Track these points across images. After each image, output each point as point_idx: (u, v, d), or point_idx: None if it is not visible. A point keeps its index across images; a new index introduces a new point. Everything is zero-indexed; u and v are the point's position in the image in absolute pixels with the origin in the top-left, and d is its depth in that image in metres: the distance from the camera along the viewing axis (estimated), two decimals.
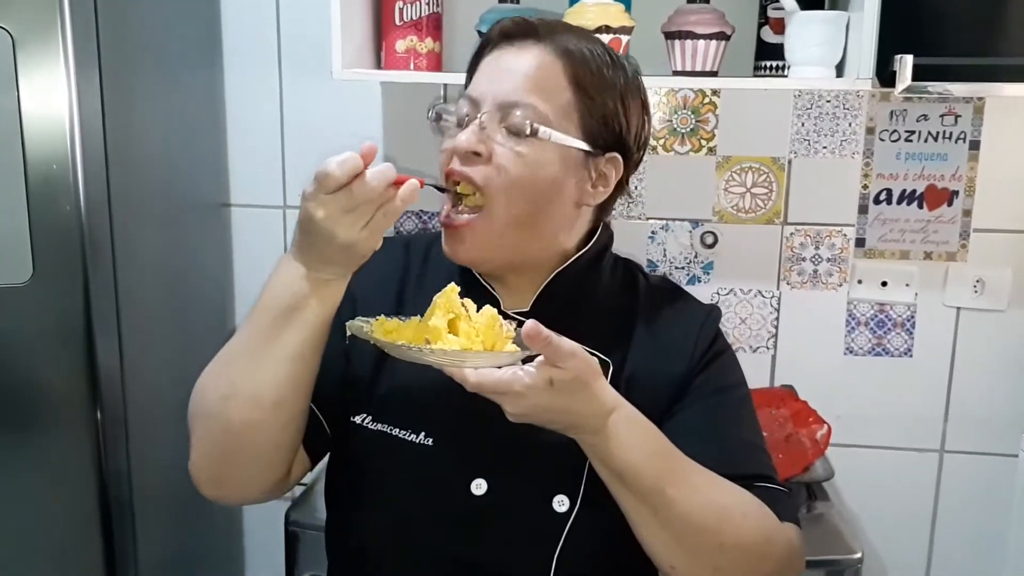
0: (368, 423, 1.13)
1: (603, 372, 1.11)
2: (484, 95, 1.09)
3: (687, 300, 1.25)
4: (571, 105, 1.10)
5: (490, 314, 1.00)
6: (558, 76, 1.09)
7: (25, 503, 1.42)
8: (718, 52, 1.69)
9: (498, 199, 1.08)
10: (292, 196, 2.07)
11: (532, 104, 1.07)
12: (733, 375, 1.21)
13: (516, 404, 0.93)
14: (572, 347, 0.91)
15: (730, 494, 1.05)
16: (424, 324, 1.01)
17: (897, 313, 1.97)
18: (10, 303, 1.34)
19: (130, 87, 1.51)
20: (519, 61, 1.09)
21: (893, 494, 2.02)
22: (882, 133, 1.91)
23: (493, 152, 1.07)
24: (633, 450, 0.99)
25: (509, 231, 1.10)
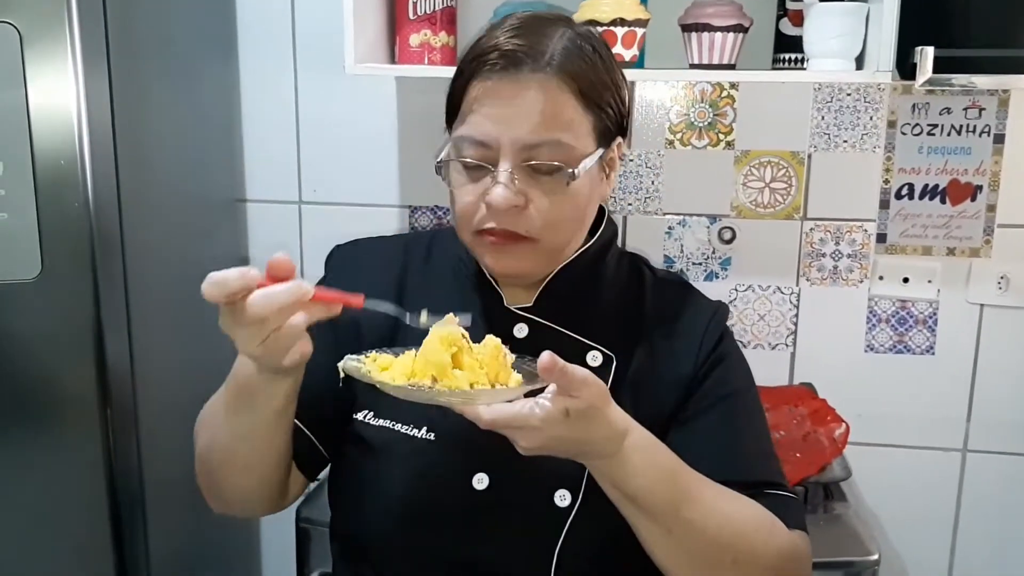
0: (370, 419, 1.13)
1: (607, 367, 1.11)
2: (498, 139, 1.04)
3: (694, 296, 1.23)
4: (584, 122, 1.07)
5: (493, 345, 0.98)
6: (568, 101, 1.05)
7: (35, 500, 1.42)
8: (736, 45, 1.67)
9: (545, 238, 1.08)
10: (307, 192, 2.06)
11: (556, 140, 1.04)
12: (740, 378, 1.19)
13: (531, 438, 0.91)
14: (584, 374, 0.90)
15: (742, 509, 1.05)
16: (424, 358, 0.96)
17: (919, 310, 1.93)
18: (19, 299, 1.34)
19: (140, 82, 1.51)
20: (526, 97, 1.03)
21: (914, 494, 1.99)
22: (904, 127, 1.87)
23: (531, 200, 1.06)
24: (646, 473, 0.98)
25: (555, 253, 1.12)
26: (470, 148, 1.06)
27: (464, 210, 1.08)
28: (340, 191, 2.05)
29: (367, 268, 1.22)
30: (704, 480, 1.04)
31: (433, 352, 0.95)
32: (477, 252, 1.12)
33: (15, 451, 1.41)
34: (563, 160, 1.05)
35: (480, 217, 1.07)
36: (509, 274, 1.12)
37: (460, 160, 1.07)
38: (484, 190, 1.05)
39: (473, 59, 1.07)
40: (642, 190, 1.96)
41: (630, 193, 1.96)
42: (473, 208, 1.07)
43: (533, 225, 1.06)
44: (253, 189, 2.07)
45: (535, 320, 1.15)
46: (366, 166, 2.02)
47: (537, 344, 1.12)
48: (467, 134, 1.06)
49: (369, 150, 2.02)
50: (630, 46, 1.63)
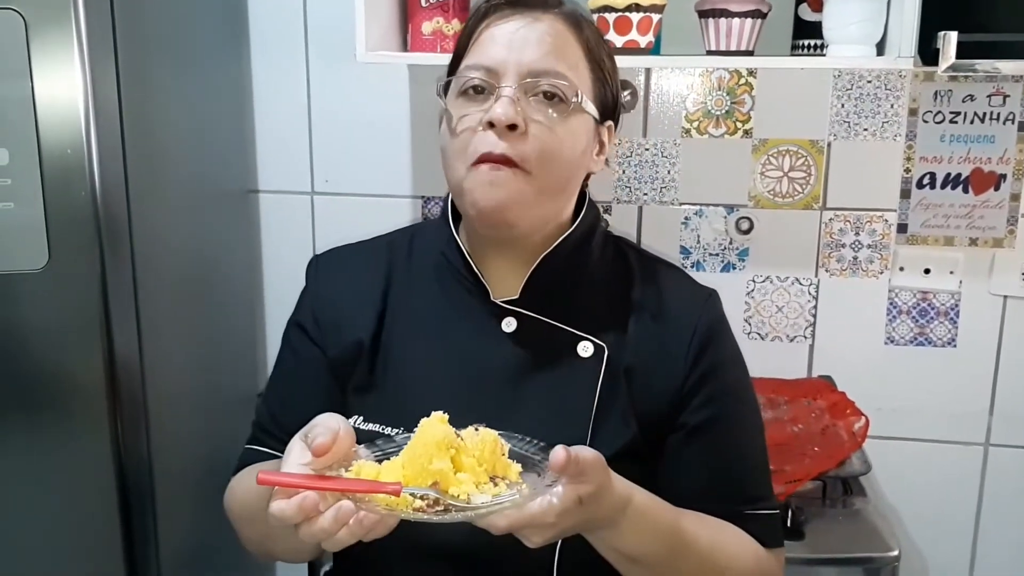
0: (360, 424, 1.11)
1: (599, 358, 1.09)
2: (504, 64, 1.05)
3: (683, 281, 1.22)
4: (586, 73, 1.10)
5: (491, 439, 0.94)
6: (574, 44, 1.09)
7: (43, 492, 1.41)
8: (753, 30, 1.63)
9: (539, 171, 1.05)
10: (319, 182, 2.04)
11: (562, 72, 1.06)
12: (737, 388, 1.17)
13: (545, 533, 0.90)
14: (591, 455, 0.89)
15: (730, 546, 1.09)
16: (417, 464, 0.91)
17: (940, 301, 1.90)
18: (26, 289, 1.32)
19: (149, 71, 1.49)
20: (536, 29, 1.06)
21: (935, 489, 1.95)
22: (926, 114, 1.84)
23: (528, 124, 1.04)
24: (646, 535, 0.99)
25: (543, 198, 1.08)
26: (475, 74, 1.06)
27: (463, 135, 1.06)
28: (352, 181, 2.03)
29: (349, 277, 1.20)
30: (698, 522, 1.06)
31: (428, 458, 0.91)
32: (466, 191, 1.07)
33: (23, 442, 1.39)
34: (565, 90, 1.06)
35: (477, 143, 1.05)
36: (498, 208, 1.05)
37: (464, 84, 1.07)
38: (484, 114, 1.05)
39: (483, 2, 1.11)
40: (658, 180, 1.93)
41: (646, 183, 1.93)
42: (472, 132, 1.06)
43: (529, 151, 1.04)
44: (265, 179, 2.06)
45: (523, 313, 1.13)
46: (378, 156, 2.00)
47: (527, 337, 1.12)
48: (473, 61, 1.08)
49: (381, 140, 1.99)
50: (645, 32, 1.60)
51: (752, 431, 1.18)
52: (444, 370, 1.12)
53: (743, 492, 1.13)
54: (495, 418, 0.96)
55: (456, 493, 0.90)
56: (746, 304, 1.95)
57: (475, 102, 1.06)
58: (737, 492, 1.12)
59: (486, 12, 1.10)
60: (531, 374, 1.11)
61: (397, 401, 1.11)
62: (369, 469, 0.92)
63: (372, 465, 0.93)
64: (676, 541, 1.02)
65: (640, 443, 1.10)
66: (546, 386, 1.10)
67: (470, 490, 0.90)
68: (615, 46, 1.59)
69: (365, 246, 1.25)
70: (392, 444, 0.99)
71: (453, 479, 0.90)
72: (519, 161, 1.04)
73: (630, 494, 0.96)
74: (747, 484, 1.14)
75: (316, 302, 1.18)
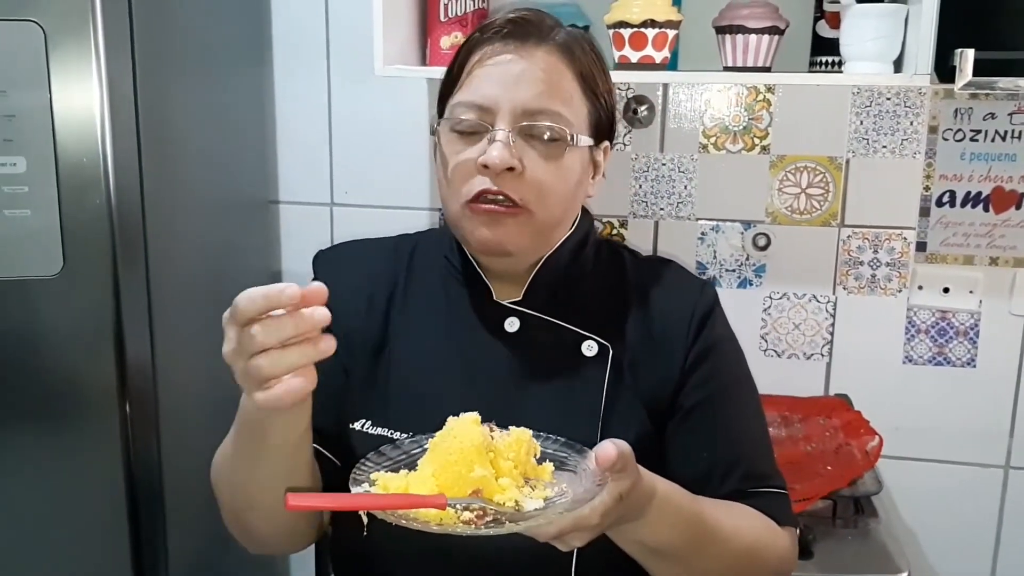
0: (367, 428, 1.11)
1: (604, 357, 1.10)
2: (498, 103, 1.05)
3: (678, 273, 1.23)
4: (581, 103, 1.10)
5: (526, 439, 0.91)
6: (568, 77, 1.08)
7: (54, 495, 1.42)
8: (770, 47, 1.63)
9: (537, 209, 1.07)
10: (339, 193, 2.06)
11: (557, 111, 1.06)
12: (732, 366, 1.18)
13: (587, 535, 0.89)
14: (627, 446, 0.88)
15: (752, 530, 1.08)
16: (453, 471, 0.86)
17: (960, 321, 1.88)
18: (41, 295, 1.34)
19: (167, 82, 1.51)
20: (529, 65, 1.06)
21: (954, 512, 1.93)
22: (946, 132, 1.82)
23: (526, 166, 1.05)
24: (670, 525, 0.99)
25: (541, 231, 1.10)
26: (468, 112, 1.06)
27: (457, 174, 1.06)
28: (371, 193, 2.04)
29: (354, 273, 1.21)
30: (718, 508, 1.05)
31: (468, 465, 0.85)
32: (466, 226, 1.08)
33: (34, 446, 1.41)
34: (560, 130, 1.05)
35: (473, 183, 1.05)
36: (498, 247, 1.08)
37: (456, 123, 1.06)
38: (480, 154, 1.04)
39: (477, 30, 1.10)
40: (675, 195, 1.93)
41: (662, 198, 1.93)
42: (466, 173, 1.06)
43: (525, 192, 1.05)
44: (286, 190, 2.08)
45: (526, 313, 1.14)
46: (397, 168, 2.02)
47: (530, 338, 1.13)
48: (465, 99, 1.07)
49: (400, 153, 2.01)
50: (661, 48, 1.60)
51: (749, 410, 1.18)
52: (447, 370, 1.13)
53: (746, 468, 1.12)
54: (501, 419, 0.96)
55: (502, 500, 0.86)
56: (763, 321, 1.94)
57: (468, 141, 1.07)
58: (737, 471, 1.11)
59: (478, 43, 1.09)
60: (535, 374, 1.12)
61: (402, 405, 1.11)
62: (395, 481, 0.88)
63: (397, 477, 0.89)
64: (698, 529, 1.01)
65: (651, 437, 1.11)
66: (551, 386, 1.11)
67: (516, 496, 0.86)
68: (629, 61, 1.60)
69: (369, 244, 1.26)
70: (400, 452, 0.98)
71: (496, 486, 0.86)
72: (516, 200, 1.05)
73: (654, 484, 0.96)
74: (748, 461, 1.13)
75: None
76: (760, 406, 1.20)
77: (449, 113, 1.09)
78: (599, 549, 0.99)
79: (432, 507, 0.83)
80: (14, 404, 1.40)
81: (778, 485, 1.15)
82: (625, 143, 1.92)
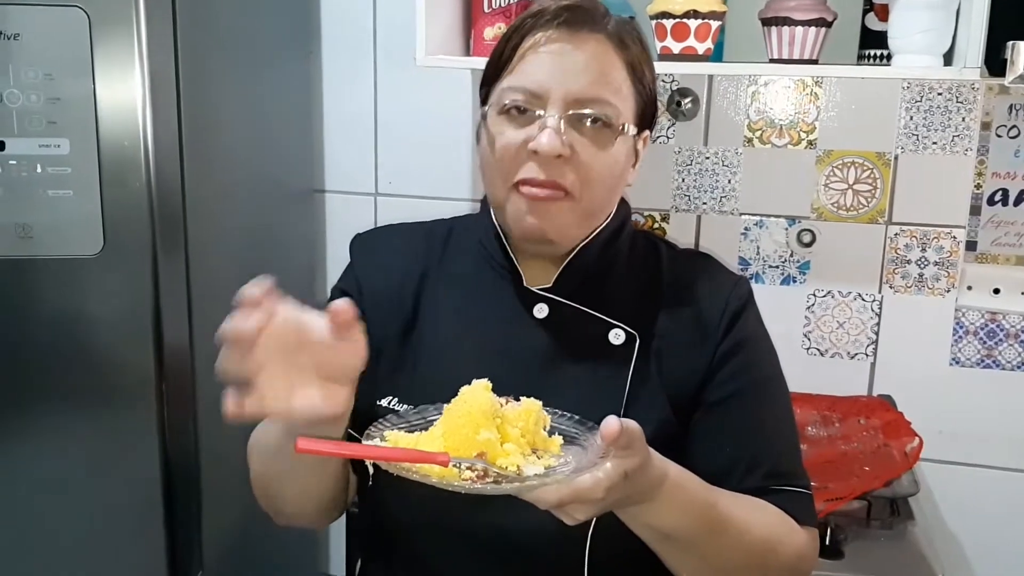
0: (394, 405, 1.12)
1: (630, 345, 1.10)
2: (549, 90, 1.04)
3: (713, 267, 1.21)
4: (630, 93, 1.09)
5: (536, 410, 0.91)
6: (618, 66, 1.07)
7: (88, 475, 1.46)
8: (817, 39, 1.60)
9: (583, 196, 1.07)
10: (383, 184, 2.08)
11: (607, 99, 1.06)
12: (764, 362, 1.16)
13: (589, 509, 0.88)
14: (637, 427, 0.88)
15: (767, 524, 1.06)
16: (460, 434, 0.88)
17: (1010, 323, 1.83)
18: (81, 274, 1.38)
19: (210, 69, 1.54)
20: (581, 53, 1.05)
21: (999, 520, 1.88)
22: (999, 129, 1.77)
23: (575, 153, 1.05)
24: (681, 511, 0.98)
25: (585, 219, 1.11)
26: (518, 95, 1.06)
27: (504, 158, 1.06)
28: (414, 183, 2.06)
29: (389, 255, 1.22)
30: (734, 499, 1.04)
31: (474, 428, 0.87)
32: (509, 212, 1.09)
33: (71, 424, 1.45)
34: (609, 117, 1.05)
35: (521, 166, 1.05)
36: (542, 234, 1.08)
37: (506, 106, 1.06)
38: (527, 138, 1.04)
39: (528, 17, 1.08)
40: (718, 189, 1.90)
41: (705, 192, 1.91)
42: (514, 156, 1.05)
43: (573, 179, 1.05)
44: (332, 180, 2.10)
45: (555, 300, 1.13)
46: (440, 159, 2.03)
47: (558, 324, 1.13)
48: (516, 83, 1.06)
49: (444, 144, 2.02)
50: (704, 39, 1.58)
51: (778, 407, 1.16)
52: (475, 353, 1.13)
53: (770, 466, 1.10)
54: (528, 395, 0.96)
55: (504, 465, 0.87)
56: (806, 319, 1.91)
57: (517, 123, 1.06)
58: (760, 467, 1.10)
59: (531, 28, 1.08)
60: (562, 360, 1.12)
61: (429, 383, 1.12)
62: (406, 440, 0.91)
63: (408, 436, 0.92)
64: (711, 517, 1.00)
65: (673, 428, 1.10)
66: (576, 372, 1.11)
67: (519, 461, 0.88)
68: (671, 52, 1.59)
69: (404, 229, 1.27)
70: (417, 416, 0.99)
71: (500, 450, 0.88)
72: (564, 186, 1.05)
73: (666, 468, 0.95)
74: (773, 458, 1.12)
75: (362, 275, 1.21)
76: (790, 406, 1.18)
77: (497, 97, 1.08)
78: (613, 534, 0.99)
79: (436, 463, 0.84)
80: (53, 382, 1.44)
81: (802, 485, 1.13)
82: (669, 136, 1.91)
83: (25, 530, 1.48)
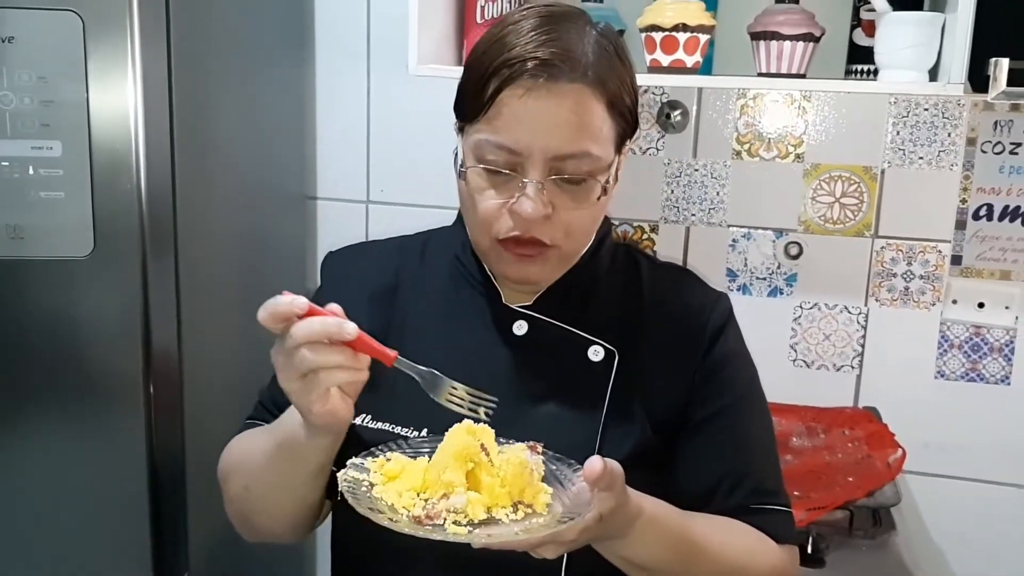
0: (368, 423, 1.12)
1: (609, 362, 1.10)
2: (529, 148, 1.01)
3: (693, 284, 1.22)
4: (610, 130, 1.06)
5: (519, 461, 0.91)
6: (598, 110, 1.03)
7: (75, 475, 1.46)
8: (805, 54, 1.62)
9: (565, 244, 1.08)
10: (375, 191, 2.09)
11: (586, 151, 1.02)
12: (744, 381, 1.17)
13: (560, 549, 0.90)
14: (617, 467, 0.89)
15: (741, 545, 1.08)
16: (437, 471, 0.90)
17: (995, 337, 1.84)
18: (72, 276, 1.39)
19: (203, 74, 1.55)
20: (560, 107, 1.01)
21: (983, 532, 1.89)
22: (984, 144, 1.79)
23: (557, 210, 1.04)
24: (655, 544, 0.99)
25: (570, 259, 1.13)
26: (497, 153, 1.03)
27: (486, 217, 1.05)
28: (406, 192, 2.07)
29: (361, 274, 1.22)
30: (708, 524, 1.06)
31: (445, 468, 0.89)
32: (494, 260, 1.10)
33: (58, 425, 1.45)
34: (590, 171, 1.03)
35: (503, 226, 1.05)
36: (527, 282, 1.11)
37: (485, 163, 1.04)
38: (508, 198, 1.03)
39: (505, 63, 1.02)
40: (707, 200, 1.92)
41: (694, 203, 1.93)
42: (495, 214, 1.05)
43: (556, 234, 1.05)
44: (324, 187, 2.11)
45: (534, 316, 1.14)
46: (432, 167, 2.03)
47: (537, 340, 1.13)
48: (495, 139, 1.02)
49: (436, 152, 2.01)
50: (692, 52, 1.60)
51: (760, 426, 1.17)
52: (453, 370, 1.13)
53: (751, 486, 1.12)
54: (503, 419, 0.97)
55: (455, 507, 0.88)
56: (792, 331, 1.93)
57: (497, 182, 1.04)
58: (744, 486, 1.11)
59: (508, 78, 1.02)
60: (541, 377, 1.12)
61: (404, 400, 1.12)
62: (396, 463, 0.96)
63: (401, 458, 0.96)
64: (685, 547, 1.02)
65: (652, 446, 1.11)
66: (556, 389, 1.11)
67: (477, 513, 0.89)
68: (660, 64, 1.60)
69: (376, 246, 1.27)
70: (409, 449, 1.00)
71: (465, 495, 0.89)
72: (546, 241, 1.05)
73: (640, 506, 0.96)
74: (754, 477, 1.13)
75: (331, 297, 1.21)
76: (771, 422, 1.19)
77: (476, 146, 1.05)
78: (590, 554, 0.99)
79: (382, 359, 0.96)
80: (41, 382, 1.44)
81: (783, 503, 1.15)
82: (658, 148, 1.93)
83: (10, 531, 1.49)
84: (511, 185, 1.03)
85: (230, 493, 1.16)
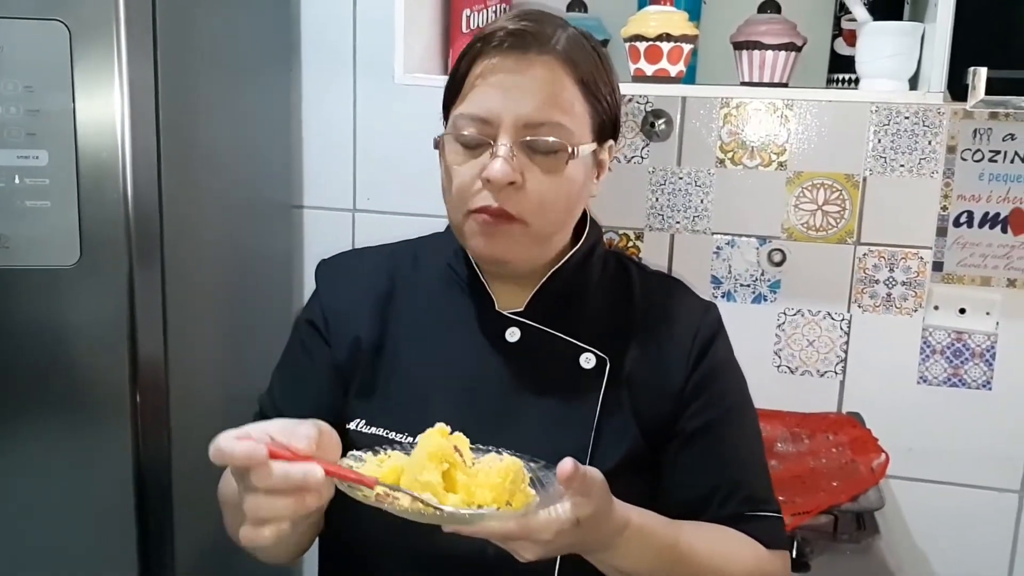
0: (362, 427, 1.13)
1: (601, 369, 1.10)
2: (499, 116, 1.05)
3: (683, 294, 1.23)
4: (583, 109, 1.09)
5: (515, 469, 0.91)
6: (569, 84, 1.07)
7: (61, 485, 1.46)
8: (787, 63, 1.64)
9: (535, 221, 1.08)
10: (361, 200, 2.10)
11: (557, 121, 1.06)
12: (734, 390, 1.19)
13: (537, 549, 0.90)
14: (598, 476, 0.90)
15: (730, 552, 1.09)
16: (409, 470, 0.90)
17: (976, 342, 1.86)
18: (58, 285, 1.39)
19: (189, 83, 1.56)
20: (529, 76, 1.05)
21: (966, 536, 1.90)
22: (964, 152, 1.81)
23: (526, 177, 1.06)
24: (643, 555, 1.00)
25: (541, 240, 1.12)
26: (470, 124, 1.07)
27: (460, 187, 1.08)
28: (392, 200, 2.08)
29: (353, 282, 1.23)
30: (697, 532, 1.06)
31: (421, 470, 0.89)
32: (466, 235, 1.10)
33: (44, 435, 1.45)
34: (560, 141, 1.06)
35: (475, 195, 1.07)
36: (496, 258, 1.10)
37: (459, 136, 1.08)
38: (482, 167, 1.06)
39: (478, 40, 1.09)
40: (691, 208, 1.94)
41: (678, 211, 1.94)
42: (469, 185, 1.07)
43: (526, 205, 1.06)
44: (310, 195, 2.12)
45: (527, 324, 1.15)
46: (418, 176, 2.04)
47: (529, 347, 1.14)
48: (467, 111, 1.07)
49: (422, 160, 2.02)
50: (676, 62, 1.61)
51: (750, 435, 1.19)
52: (445, 377, 1.14)
53: (743, 494, 1.13)
54: (495, 426, 0.98)
55: None
56: (776, 337, 1.94)
57: (471, 153, 1.08)
58: (737, 495, 1.13)
59: (479, 54, 1.08)
60: (532, 383, 1.13)
61: (398, 406, 1.13)
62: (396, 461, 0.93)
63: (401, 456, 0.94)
64: (674, 556, 1.02)
65: (643, 453, 1.12)
66: (547, 396, 1.12)
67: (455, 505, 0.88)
68: (644, 74, 1.62)
69: (369, 253, 1.28)
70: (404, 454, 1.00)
71: (442, 495, 0.89)
72: (516, 215, 1.06)
73: (627, 517, 0.97)
74: (747, 486, 1.14)
75: (326, 304, 1.22)
76: (759, 430, 1.21)
77: (452, 124, 1.10)
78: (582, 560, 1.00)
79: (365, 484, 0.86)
80: (27, 391, 1.44)
81: (774, 510, 1.16)
82: (643, 156, 1.94)
83: None
84: (485, 156, 1.06)
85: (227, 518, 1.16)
